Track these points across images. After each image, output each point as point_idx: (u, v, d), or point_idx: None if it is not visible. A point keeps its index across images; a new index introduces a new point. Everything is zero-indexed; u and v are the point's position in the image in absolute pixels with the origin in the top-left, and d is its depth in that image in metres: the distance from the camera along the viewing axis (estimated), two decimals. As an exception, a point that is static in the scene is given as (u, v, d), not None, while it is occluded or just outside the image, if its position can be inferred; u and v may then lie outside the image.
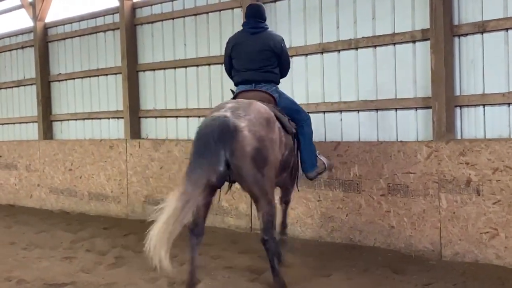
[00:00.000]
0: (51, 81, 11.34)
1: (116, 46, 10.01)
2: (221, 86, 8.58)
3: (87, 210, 10.05)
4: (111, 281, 5.86)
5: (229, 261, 6.45)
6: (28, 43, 11.73)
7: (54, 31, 11.22)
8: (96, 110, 10.57)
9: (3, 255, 7.23)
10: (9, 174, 11.66)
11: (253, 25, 6.01)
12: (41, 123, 11.37)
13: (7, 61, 12.38)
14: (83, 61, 10.72)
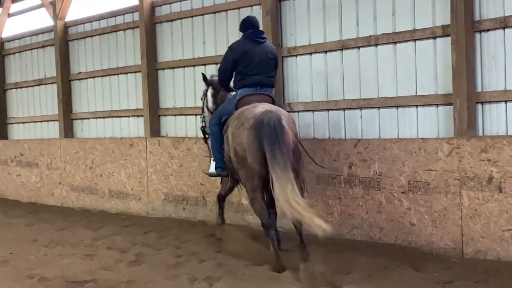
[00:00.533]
0: (72, 80, 11.42)
1: (136, 45, 10.05)
2: (240, 83, 8.58)
3: (108, 208, 10.12)
4: (132, 279, 5.90)
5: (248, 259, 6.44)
6: (48, 42, 11.82)
7: (74, 30, 11.30)
8: (116, 108, 10.63)
9: (25, 253, 7.31)
10: (30, 172, 11.78)
11: (258, 35, 6.72)
12: (62, 121, 11.46)
13: (28, 60, 12.50)
14: (103, 59, 10.78)
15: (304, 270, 5.61)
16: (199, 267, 6.23)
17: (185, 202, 8.93)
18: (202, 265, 6.27)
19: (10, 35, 12.99)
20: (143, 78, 9.86)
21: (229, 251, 6.66)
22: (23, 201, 11.86)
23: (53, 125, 11.94)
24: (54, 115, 11.81)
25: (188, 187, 8.88)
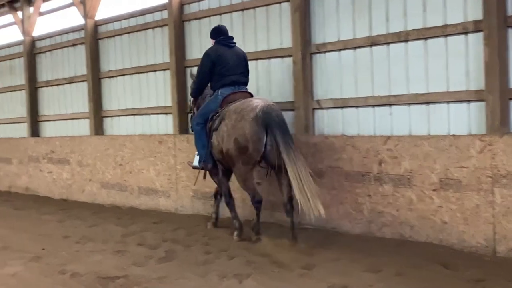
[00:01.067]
0: (102, 77, 11.53)
1: (165, 43, 10.11)
2: (269, 80, 8.58)
3: (137, 205, 10.20)
4: (162, 275, 5.94)
5: (278, 256, 6.43)
6: (79, 40, 11.94)
7: (104, 29, 11.40)
8: (145, 106, 10.70)
9: (57, 249, 7.41)
10: (62, 169, 11.93)
11: (229, 40, 7.70)
12: (92, 119, 11.57)
13: (59, 58, 12.64)
14: (132, 57, 10.86)
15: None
16: (228, 264, 6.25)
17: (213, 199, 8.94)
18: (231, 262, 6.29)
19: (41, 34, 13.15)
20: (171, 75, 9.91)
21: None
22: (55, 198, 12.02)
23: (83, 122, 12.06)
24: (84, 113, 11.93)
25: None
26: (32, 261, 6.84)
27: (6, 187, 13.76)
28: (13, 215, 10.32)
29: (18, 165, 13.33)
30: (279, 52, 8.38)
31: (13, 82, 14.18)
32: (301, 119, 7.99)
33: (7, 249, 7.56)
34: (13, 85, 14.18)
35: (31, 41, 13.29)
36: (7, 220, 9.82)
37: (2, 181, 13.94)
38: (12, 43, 14.13)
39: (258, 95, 8.67)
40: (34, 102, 13.37)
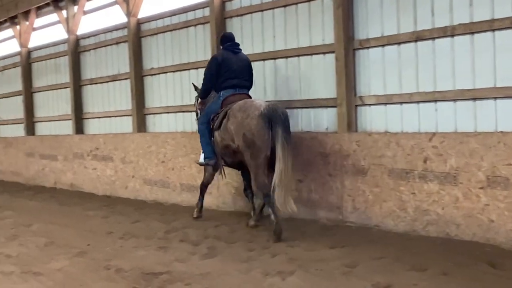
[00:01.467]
0: (144, 75, 11.63)
1: (206, 40, 10.14)
2: (311, 77, 8.53)
3: (179, 201, 10.26)
4: (205, 271, 5.95)
5: (321, 253, 6.40)
6: (122, 38, 12.07)
7: (147, 27, 11.50)
8: (187, 103, 10.75)
9: (102, 244, 7.50)
10: (105, 165, 12.09)
11: (235, 47, 8.35)
12: (135, 116, 11.69)
13: (102, 56, 12.81)
14: (174, 55, 10.93)
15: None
16: (271, 261, 6.23)
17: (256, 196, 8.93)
18: (274, 259, 6.27)
19: (85, 32, 13.34)
20: (213, 73, 9.93)
21: None
22: (99, 194, 12.19)
23: (126, 120, 12.20)
24: (127, 110, 12.06)
25: (259, 181, 8.88)
26: (78, 256, 6.94)
27: (52, 183, 14.02)
28: (58, 211, 10.51)
29: (63, 161, 13.57)
30: (321, 49, 8.32)
31: (58, 80, 14.43)
32: (344, 116, 7.92)
33: (53, 244, 7.68)
34: (58, 83, 14.43)
35: (76, 39, 13.49)
36: (53, 215, 9.99)
37: (48, 177, 14.22)
38: (57, 41, 14.38)
39: (300, 92, 8.66)
40: (78, 99, 13.58)
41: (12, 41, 16.36)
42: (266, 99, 9.14)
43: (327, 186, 7.89)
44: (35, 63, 15.34)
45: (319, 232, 7.40)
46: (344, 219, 7.70)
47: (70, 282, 5.89)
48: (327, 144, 7.89)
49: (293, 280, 5.49)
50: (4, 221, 9.69)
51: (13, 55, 16.29)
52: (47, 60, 14.86)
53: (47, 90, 14.97)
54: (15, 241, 7.99)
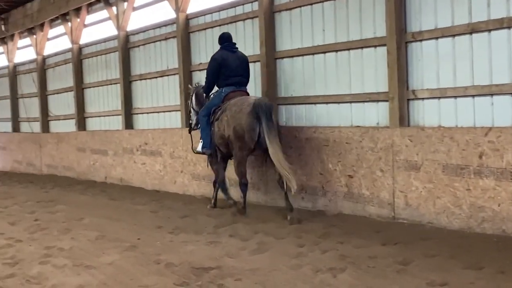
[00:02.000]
0: (193, 70, 11.65)
1: (255, 35, 10.08)
2: (361, 70, 8.39)
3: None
4: (255, 267, 5.91)
5: (372, 250, 6.30)
6: (171, 34, 12.13)
7: (195, 22, 11.51)
8: (235, 98, 10.71)
9: (152, 239, 7.54)
10: (154, 160, 12.19)
11: (232, 47, 9.16)
12: (183, 111, 11.72)
13: (151, 52, 12.90)
14: (222, 50, 10.90)
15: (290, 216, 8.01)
16: (321, 257, 6.15)
17: (303, 192, 8.87)
18: (324, 256, 6.19)
19: (134, 29, 13.45)
20: (262, 67, 9.88)
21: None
22: (148, 189, 12.30)
23: (175, 115, 12.25)
24: (176, 105, 12.11)
25: (307, 176, 8.81)
26: (128, 250, 6.99)
27: (102, 178, 14.23)
28: (108, 205, 10.64)
29: (113, 156, 13.74)
30: (373, 42, 8.17)
31: (109, 76, 14.61)
32: (395, 110, 7.76)
33: (104, 238, 7.77)
34: (108, 79, 14.61)
35: (125, 35, 13.63)
36: (103, 209, 10.12)
37: (99, 172, 14.43)
38: (107, 38, 14.55)
39: (351, 87, 8.53)
40: (128, 95, 13.72)
41: (64, 38, 16.65)
42: (316, 94, 9.08)
43: (378, 182, 7.75)
44: (86, 59, 15.57)
45: (370, 229, 7.29)
46: (396, 215, 7.56)
47: (121, 275, 5.94)
48: (378, 139, 7.76)
49: (344, 277, 5.41)
50: (56, 214, 9.86)
51: (64, 52, 16.57)
52: (97, 56, 15.06)
53: (97, 86, 15.17)
54: (67, 234, 8.12)
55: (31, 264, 6.56)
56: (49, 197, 12.05)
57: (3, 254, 7.15)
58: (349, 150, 8.15)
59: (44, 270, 6.26)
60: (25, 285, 5.79)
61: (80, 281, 5.78)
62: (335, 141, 8.35)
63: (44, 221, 9.27)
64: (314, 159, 8.66)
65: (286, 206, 8.23)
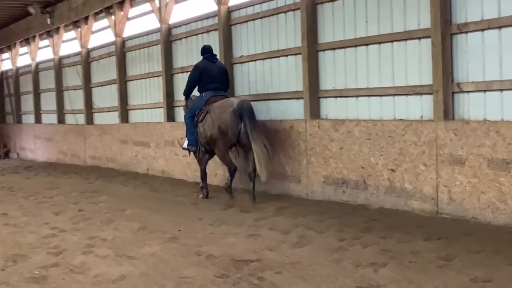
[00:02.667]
0: (234, 63, 11.65)
1: (296, 27, 10.01)
2: (405, 63, 8.26)
3: (268, 189, 10.23)
4: (295, 260, 5.90)
5: (414, 245, 6.22)
6: (212, 27, 12.14)
7: (237, 14, 11.50)
8: (276, 91, 10.69)
9: (193, 231, 7.60)
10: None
11: (213, 58, 10.54)
12: (224, 104, 11.74)
13: (193, 45, 12.94)
14: (264, 42, 10.87)
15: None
16: (362, 252, 6.10)
17: (345, 185, 8.81)
18: (365, 250, 6.13)
19: (176, 21, 13.52)
20: (303, 60, 9.82)
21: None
22: (189, 181, 12.37)
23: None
24: (218, 98, 12.13)
25: (348, 170, 8.74)
26: (169, 241, 7.06)
27: (144, 169, 14.38)
28: (150, 197, 10.76)
29: (155, 148, 13.88)
30: (417, 33, 8.03)
31: (151, 68, 14.73)
32: (440, 104, 7.61)
33: (145, 229, 7.86)
34: (151, 72, 14.73)
35: (168, 28, 13.71)
36: (145, 201, 10.25)
37: (141, 164, 14.59)
38: (150, 31, 14.67)
39: (394, 79, 8.41)
40: (170, 87, 13.81)
41: (107, 31, 16.85)
42: (358, 87, 8.98)
43: (422, 176, 7.64)
44: (129, 52, 15.73)
45: (412, 224, 7.19)
46: (439, 210, 7.44)
47: (162, 266, 6.00)
48: (422, 133, 7.64)
49: (386, 272, 5.35)
50: (99, 205, 10.02)
51: (108, 45, 16.77)
52: (140, 49, 15.19)
53: (140, 78, 15.31)
54: (110, 225, 8.24)
55: (75, 253, 6.69)
56: (92, 188, 12.26)
57: (48, 243, 7.31)
58: (392, 144, 8.04)
59: (87, 260, 6.38)
60: (69, 274, 5.89)
61: (122, 271, 5.86)
62: (378, 134, 8.26)
63: (87, 211, 9.44)
64: (356, 152, 8.58)
65: (251, 195, 9.50)
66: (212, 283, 5.36)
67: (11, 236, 7.86)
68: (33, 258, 6.57)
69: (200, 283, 5.37)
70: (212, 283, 5.36)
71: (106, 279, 5.64)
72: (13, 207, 10.30)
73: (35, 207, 10.24)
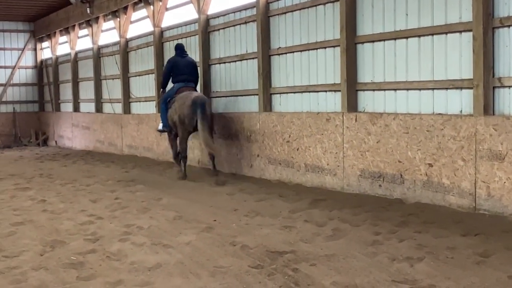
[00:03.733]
0: (272, 54, 11.64)
1: (335, 19, 9.95)
2: (445, 56, 8.15)
3: (303, 182, 10.24)
4: (330, 253, 5.89)
5: (451, 241, 6.14)
6: (251, 18, 12.14)
7: (276, 6, 11.46)
8: (313, 83, 10.65)
9: (228, 221, 7.64)
10: (231, 144, 12.29)
11: (182, 53, 12.59)
12: (261, 95, 11.75)
13: (231, 36, 12.96)
14: (302, 34, 10.83)
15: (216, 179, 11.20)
16: (398, 246, 6.06)
17: (381, 179, 8.74)
18: (401, 245, 6.09)
19: (215, 12, 13.54)
20: (341, 52, 9.75)
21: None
22: (224, 171, 12.41)
23: (254, 98, 12.28)
24: (254, 89, 12.15)
25: (385, 164, 8.67)
26: (205, 231, 7.11)
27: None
28: (186, 186, 10.85)
29: (191, 138, 13.94)
30: (458, 27, 7.90)
31: (188, 59, 14.78)
32: (480, 98, 7.48)
33: (181, 218, 7.93)
34: (188, 62, 14.78)
35: (206, 19, 13.74)
36: (181, 190, 10.34)
37: (176, 153, 14.68)
38: (188, 21, 14.72)
39: (433, 73, 8.31)
40: (207, 78, 13.85)
41: (146, 21, 16.97)
42: (397, 80, 8.89)
43: (460, 171, 7.54)
44: (167, 42, 15.82)
45: (449, 219, 7.10)
46: (477, 206, 7.34)
47: (197, 255, 6.04)
48: (461, 128, 7.53)
49: (422, 267, 5.31)
50: (135, 194, 10.14)
51: (146, 35, 16.89)
52: (178, 40, 15.27)
53: (177, 69, 15.37)
54: (146, 213, 8.34)
55: (111, 241, 6.79)
56: (129, 177, 12.41)
57: (85, 230, 7.44)
58: (430, 138, 7.95)
59: (123, 247, 6.46)
60: (105, 261, 5.98)
61: (158, 259, 5.93)
62: (416, 128, 8.17)
63: (124, 200, 9.56)
64: (393, 146, 8.51)
65: (212, 172, 11.64)
66: (247, 273, 5.38)
67: (49, 222, 8.01)
68: (70, 244, 6.69)
69: (235, 273, 5.40)
70: (247, 273, 5.38)
71: (142, 267, 5.71)
72: (51, 194, 10.50)
73: (73, 194, 10.42)
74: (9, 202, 9.77)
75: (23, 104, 25.26)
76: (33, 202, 9.66)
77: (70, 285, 5.26)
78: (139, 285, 5.19)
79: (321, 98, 10.50)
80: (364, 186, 9.06)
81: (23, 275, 5.56)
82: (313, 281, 5.10)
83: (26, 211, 8.84)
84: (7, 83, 24.70)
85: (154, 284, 5.21)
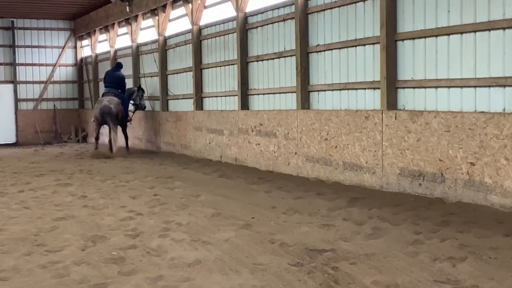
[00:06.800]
0: (310, 52, 11.60)
1: (375, 16, 9.86)
2: (488, 54, 8.00)
3: (341, 180, 10.18)
4: (370, 252, 5.83)
5: (494, 241, 6.03)
6: (289, 15, 12.11)
7: (314, 3, 11.42)
8: (352, 80, 10.58)
9: (266, 218, 7.63)
10: (269, 141, 12.29)
11: (115, 69, 18.26)
12: (299, 93, 11.72)
13: (269, 33, 12.95)
14: (341, 32, 10.76)
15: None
16: (439, 245, 5.97)
17: (421, 178, 8.64)
18: (443, 244, 6.00)
19: (253, 10, 13.56)
20: (381, 49, 9.65)
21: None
22: (261, 169, 12.44)
23: (290, 96, 12.28)
24: (292, 87, 12.12)
25: (425, 162, 8.56)
26: (243, 228, 7.11)
27: (218, 157, 14.55)
28: (223, 184, 10.87)
29: (229, 136, 14.01)
30: (501, 24, 7.74)
31: (226, 57, 14.85)
32: (524, 96, 7.35)
33: (219, 215, 7.95)
34: (226, 60, 14.86)
35: (244, 17, 13.77)
36: (219, 188, 10.36)
37: (214, 151, 14.77)
38: (226, 19, 14.77)
39: (476, 70, 8.17)
40: (244, 76, 13.88)
41: (184, 19, 17.09)
42: (438, 77, 8.76)
43: (503, 170, 7.39)
44: (205, 40, 15.91)
45: (492, 219, 6.97)
46: (505, 205, 7.18)
47: (236, 252, 6.05)
48: (504, 126, 7.38)
49: (465, 267, 5.22)
50: (174, 190, 10.22)
51: (184, 33, 17.01)
52: (216, 38, 15.34)
53: (215, 66, 15.47)
54: (185, 210, 8.39)
55: (151, 237, 6.84)
56: (167, 174, 12.50)
57: (125, 226, 7.52)
58: (472, 137, 7.82)
59: (163, 243, 6.51)
60: (146, 257, 6.03)
61: (198, 255, 5.95)
62: (457, 126, 8.04)
63: (163, 196, 9.64)
64: (434, 144, 8.39)
65: (109, 148, 16.98)
66: (287, 271, 5.36)
67: (90, 217, 8.11)
68: (111, 240, 6.77)
69: (274, 270, 5.39)
70: (286, 271, 5.37)
71: (182, 263, 5.74)
72: (91, 189, 10.65)
73: (113, 190, 10.54)
74: (51, 197, 9.94)
75: (63, 101, 25.72)
76: (74, 198, 9.81)
77: (112, 279, 5.31)
78: (180, 281, 5.22)
79: (360, 95, 10.43)
80: (404, 185, 8.96)
81: (65, 269, 5.64)
82: (354, 279, 5.06)
83: (68, 207, 8.98)
84: (48, 80, 25.17)
85: (194, 280, 5.23)
